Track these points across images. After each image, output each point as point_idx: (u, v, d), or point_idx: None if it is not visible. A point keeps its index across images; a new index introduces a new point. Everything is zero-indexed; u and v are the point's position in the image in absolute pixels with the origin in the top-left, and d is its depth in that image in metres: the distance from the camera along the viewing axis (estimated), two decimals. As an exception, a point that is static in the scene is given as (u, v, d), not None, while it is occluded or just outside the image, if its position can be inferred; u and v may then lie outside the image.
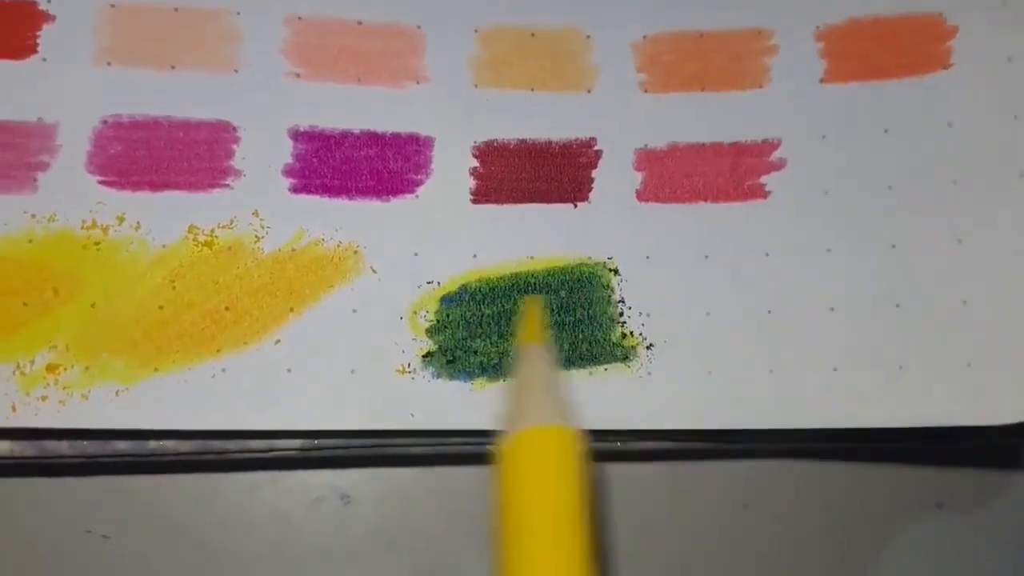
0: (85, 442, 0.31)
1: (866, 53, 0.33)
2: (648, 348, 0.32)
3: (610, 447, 0.32)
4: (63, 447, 0.31)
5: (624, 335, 0.32)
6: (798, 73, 0.34)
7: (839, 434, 0.31)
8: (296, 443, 0.32)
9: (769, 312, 0.31)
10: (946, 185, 0.32)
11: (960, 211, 0.32)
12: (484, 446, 0.32)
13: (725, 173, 0.33)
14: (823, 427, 0.30)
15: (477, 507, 0.35)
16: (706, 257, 0.32)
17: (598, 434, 0.31)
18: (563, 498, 0.23)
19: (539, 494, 0.23)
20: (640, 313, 0.32)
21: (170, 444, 0.31)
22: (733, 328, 0.31)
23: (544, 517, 0.23)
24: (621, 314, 0.32)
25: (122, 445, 0.31)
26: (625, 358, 0.31)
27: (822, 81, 0.34)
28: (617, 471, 0.35)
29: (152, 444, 0.31)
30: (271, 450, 0.32)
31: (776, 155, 0.33)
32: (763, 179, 0.33)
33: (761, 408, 0.31)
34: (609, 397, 0.31)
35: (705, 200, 0.33)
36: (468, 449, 0.32)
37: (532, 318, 0.31)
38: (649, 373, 0.31)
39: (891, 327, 0.31)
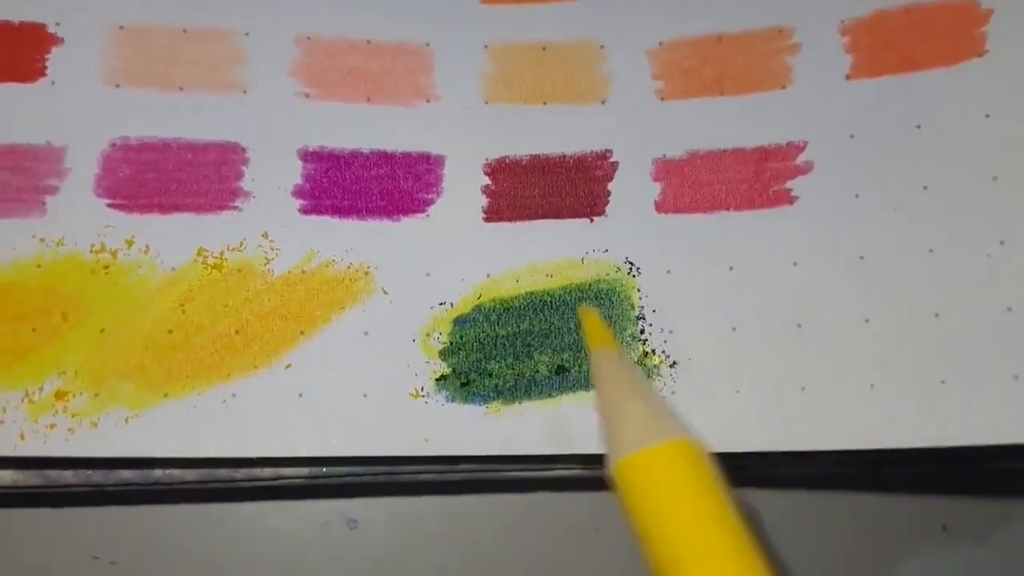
0: (90, 471, 0.31)
1: (894, 45, 0.32)
2: (671, 366, 0.30)
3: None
4: (68, 476, 0.31)
5: (646, 353, 0.30)
6: (822, 71, 0.32)
7: (851, 458, 0.29)
8: (304, 471, 0.31)
9: (799, 326, 0.29)
10: (985, 182, 0.30)
11: (1002, 210, 0.29)
12: (497, 472, 0.31)
13: (749, 179, 0.31)
14: (860, 448, 0.28)
15: (486, 535, 0.33)
16: (731, 268, 0.30)
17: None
18: (718, 514, 0.21)
19: (692, 515, 0.21)
20: (662, 330, 0.30)
21: (176, 473, 0.31)
22: (761, 344, 0.29)
23: (706, 539, 0.21)
24: (642, 331, 0.30)
25: (128, 474, 0.31)
26: (648, 377, 0.30)
27: (848, 77, 0.32)
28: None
29: (158, 473, 0.31)
30: (278, 478, 0.31)
31: (802, 158, 0.31)
32: (789, 184, 0.31)
33: (792, 429, 0.28)
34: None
35: (728, 209, 0.31)
36: (479, 476, 0.31)
37: (594, 323, 0.29)
38: (673, 392, 0.29)
39: (930, 339, 0.29)
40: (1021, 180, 0.30)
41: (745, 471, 0.30)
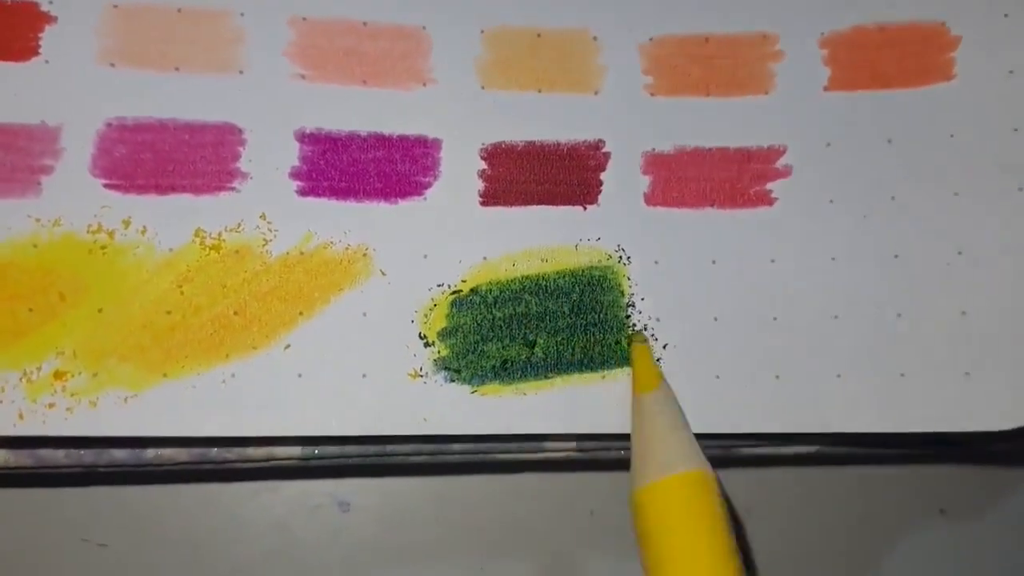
0: (82, 452, 0.31)
1: (870, 61, 0.34)
2: (659, 352, 0.32)
3: (613, 456, 0.33)
4: (60, 457, 0.31)
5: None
6: (803, 79, 0.34)
7: (842, 440, 0.32)
8: (296, 451, 0.32)
9: (775, 319, 0.32)
10: (947, 196, 0.33)
11: (961, 222, 0.32)
12: (485, 453, 0.33)
13: (731, 179, 0.33)
14: (827, 432, 0.31)
15: (477, 517, 0.35)
16: (713, 262, 0.33)
17: (604, 439, 0.32)
18: (712, 542, 0.24)
19: (690, 539, 0.24)
20: (650, 317, 0.32)
21: (168, 453, 0.31)
22: (740, 334, 0.32)
23: (698, 563, 0.24)
24: (628, 317, 0.32)
25: (120, 455, 0.31)
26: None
27: (826, 88, 0.34)
28: (621, 479, 0.35)
29: (150, 453, 0.31)
30: (271, 459, 0.32)
31: (782, 162, 0.33)
32: (769, 185, 0.33)
33: (767, 413, 0.31)
34: (619, 401, 0.31)
35: (712, 205, 0.33)
36: (470, 457, 0.32)
37: (643, 361, 0.31)
38: (659, 377, 0.32)
39: (893, 336, 0.32)
40: (980, 196, 0.33)
41: (741, 451, 0.33)
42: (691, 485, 0.26)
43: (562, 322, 0.32)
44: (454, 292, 0.32)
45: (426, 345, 0.31)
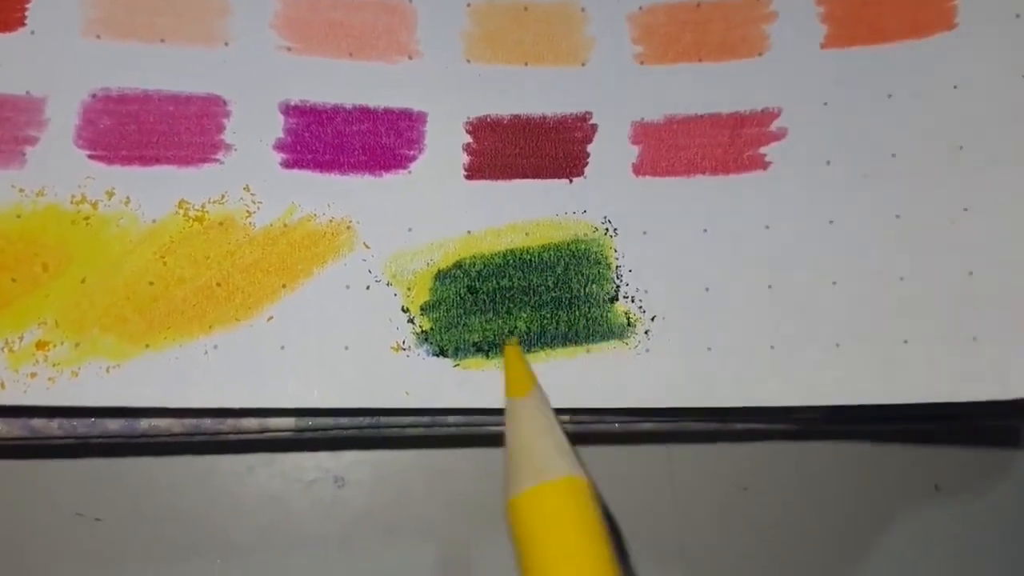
0: (75, 422, 0.31)
1: (868, 16, 0.32)
2: (647, 324, 0.31)
3: (607, 428, 0.31)
4: (53, 428, 0.31)
5: (622, 312, 0.31)
6: (798, 39, 0.33)
7: (838, 414, 0.31)
8: (290, 423, 0.31)
9: (770, 287, 0.31)
10: (952, 151, 0.31)
11: (966, 178, 0.31)
12: (478, 426, 0.32)
13: (724, 144, 0.32)
14: (825, 404, 0.29)
15: (472, 489, 0.34)
16: (705, 231, 0.31)
17: (596, 413, 0.31)
18: (589, 550, 0.23)
19: (563, 549, 0.23)
20: (638, 289, 0.31)
21: (162, 425, 0.31)
22: (733, 303, 0.31)
23: (579, 570, 0.23)
24: (618, 289, 0.31)
25: (113, 426, 0.31)
26: (623, 335, 0.31)
27: (823, 47, 0.33)
28: (615, 453, 0.34)
29: (144, 425, 0.31)
30: (264, 431, 0.31)
31: (776, 124, 0.32)
32: (763, 149, 0.32)
33: (762, 385, 0.30)
34: (607, 375, 0.30)
35: (703, 172, 0.32)
36: (463, 431, 0.32)
37: (516, 365, 0.30)
38: (647, 350, 0.30)
39: (894, 301, 0.30)
40: (985, 150, 0.31)
41: (735, 426, 0.32)
42: (564, 491, 0.24)
43: (546, 296, 0.31)
44: (438, 266, 0.31)
45: (409, 320, 0.31)
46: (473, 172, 0.32)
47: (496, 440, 0.34)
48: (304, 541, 0.33)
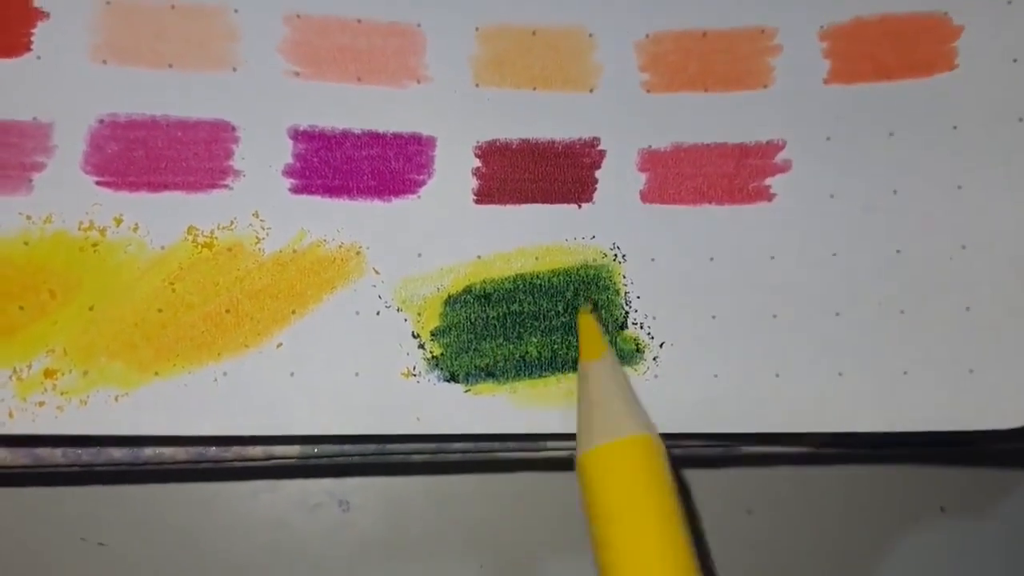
0: (80, 451, 0.31)
1: (871, 54, 0.33)
2: (655, 351, 0.31)
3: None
4: (57, 456, 0.31)
5: (631, 338, 0.32)
6: (802, 73, 0.33)
7: (842, 439, 0.32)
8: (295, 450, 0.31)
9: (774, 316, 0.31)
10: (951, 190, 0.32)
11: (964, 217, 0.32)
12: (487, 452, 0.32)
13: (730, 175, 0.33)
14: (828, 431, 0.30)
15: (477, 515, 0.34)
16: (711, 259, 0.32)
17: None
18: (659, 505, 0.24)
19: (633, 503, 0.24)
20: (646, 315, 0.32)
21: (166, 453, 0.31)
22: (739, 331, 0.31)
23: (645, 525, 0.23)
24: (627, 316, 0.32)
25: (117, 453, 0.31)
26: (632, 361, 0.31)
27: (826, 82, 0.33)
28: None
29: (148, 452, 0.31)
30: (269, 458, 0.31)
31: (781, 156, 0.33)
32: (768, 181, 0.33)
33: (767, 412, 0.31)
34: (615, 400, 0.31)
35: (710, 202, 0.32)
36: (469, 456, 0.32)
37: (589, 331, 0.31)
38: (656, 376, 0.31)
39: (895, 333, 0.31)
40: (984, 189, 0.32)
41: (740, 451, 0.32)
42: (637, 449, 0.25)
43: (556, 321, 0.32)
44: (448, 291, 0.32)
45: (420, 345, 0.31)
46: (482, 197, 0.32)
47: (503, 466, 0.34)
48: (309, 566, 0.33)
